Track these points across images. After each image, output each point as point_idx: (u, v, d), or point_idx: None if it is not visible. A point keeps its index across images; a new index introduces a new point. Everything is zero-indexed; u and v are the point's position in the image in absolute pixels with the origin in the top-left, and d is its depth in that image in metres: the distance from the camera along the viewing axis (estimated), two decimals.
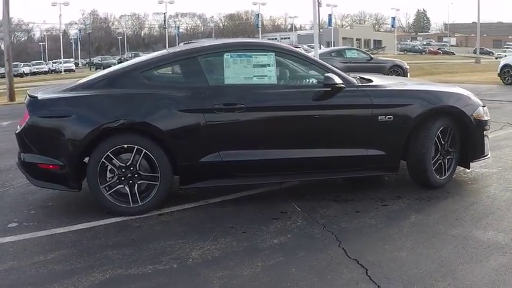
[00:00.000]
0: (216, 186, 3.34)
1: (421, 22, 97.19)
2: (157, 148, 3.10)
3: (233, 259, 2.45)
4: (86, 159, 3.18)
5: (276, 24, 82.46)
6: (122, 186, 3.12)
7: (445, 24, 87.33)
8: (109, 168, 3.12)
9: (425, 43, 66.06)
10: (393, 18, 47.00)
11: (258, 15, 41.49)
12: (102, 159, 3.07)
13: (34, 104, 3.19)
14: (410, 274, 2.23)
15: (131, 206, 3.12)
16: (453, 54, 47.74)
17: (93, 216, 3.13)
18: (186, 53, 3.39)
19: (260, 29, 42.40)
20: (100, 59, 45.52)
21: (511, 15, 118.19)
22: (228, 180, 3.25)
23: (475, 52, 48.26)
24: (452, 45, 61.72)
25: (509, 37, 69.21)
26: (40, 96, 3.24)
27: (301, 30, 71.30)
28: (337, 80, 3.20)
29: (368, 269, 2.30)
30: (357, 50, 16.42)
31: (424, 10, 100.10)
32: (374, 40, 64.92)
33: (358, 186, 3.67)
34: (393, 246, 2.55)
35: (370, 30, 71.11)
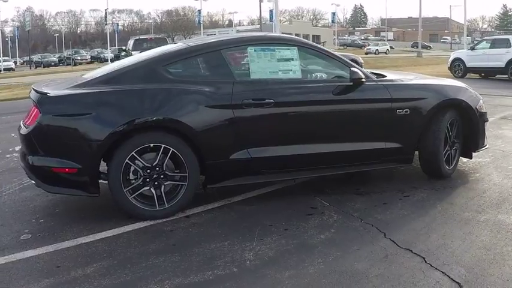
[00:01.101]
0: (243, 184, 3.23)
1: (358, 17, 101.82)
2: (185, 146, 2.94)
3: (290, 258, 2.42)
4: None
5: (213, 20, 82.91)
6: (148, 188, 2.95)
7: (382, 19, 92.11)
8: (132, 169, 2.94)
9: (363, 38, 69.73)
10: (333, 14, 48.70)
11: (199, 11, 41.17)
12: (126, 160, 2.86)
13: (46, 101, 2.88)
14: (465, 259, 2.36)
15: (157, 209, 2.95)
16: (392, 48, 50.74)
17: (114, 222, 2.92)
18: (209, 46, 3.25)
19: (202, 24, 42.40)
20: (40, 56, 42.96)
21: (446, 11, 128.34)
22: (255, 177, 3.18)
23: (412, 46, 51.67)
24: (389, 40, 65.52)
25: (445, 31, 74.86)
26: (52, 92, 2.94)
27: (240, 26, 72.29)
28: (362, 75, 3.30)
29: (425, 257, 2.39)
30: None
31: (361, 5, 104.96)
32: (313, 35, 66.52)
33: (372, 179, 3.78)
34: (436, 234, 2.67)
35: (309, 26, 73.39)
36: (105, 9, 41.85)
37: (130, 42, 17.97)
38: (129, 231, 2.81)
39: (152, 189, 2.94)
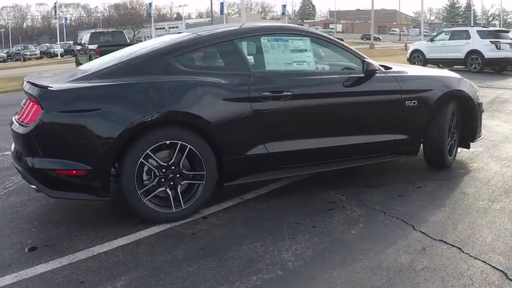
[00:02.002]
0: (260, 181, 3.11)
1: (307, 9, 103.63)
2: (202, 143, 2.77)
3: (331, 256, 2.35)
4: None
5: (161, 13, 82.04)
6: (163, 189, 2.75)
7: (330, 12, 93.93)
8: (146, 169, 2.72)
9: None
10: (284, 6, 49.36)
11: (150, 4, 40.17)
12: (141, 160, 2.64)
13: (49, 95, 2.58)
14: (498, 247, 2.42)
15: (173, 210, 2.76)
16: (342, 40, 52.17)
17: (126, 227, 2.70)
18: (222, 35, 3.07)
19: (153, 18, 41.58)
20: None
21: (393, 2, 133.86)
22: (272, 173, 3.06)
23: (362, 38, 53.46)
24: (338, 32, 67.47)
25: (394, 23, 78.19)
26: (55, 86, 2.63)
27: (189, 19, 71.77)
28: (376, 66, 3.29)
29: (460, 247, 2.42)
30: None
31: None
32: (176, 32, 68.13)
33: (378, 172, 3.78)
34: (462, 224, 2.72)
35: (259, 18, 73.95)
36: (55, 3, 40.05)
37: (86, 36, 17.02)
38: (147, 237, 2.60)
39: (168, 190, 2.76)
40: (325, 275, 2.18)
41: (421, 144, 3.73)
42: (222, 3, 45.66)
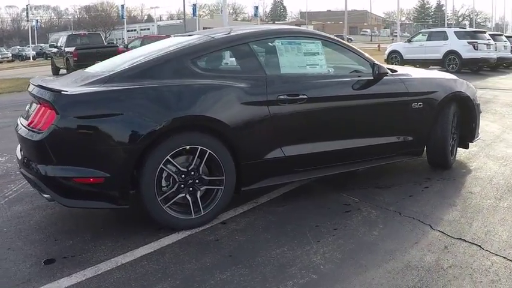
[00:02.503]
0: (276, 185, 3.13)
1: (278, 11, 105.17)
2: (222, 147, 2.76)
3: (361, 257, 2.39)
4: None
5: (132, 15, 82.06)
6: (183, 195, 2.72)
7: (301, 13, 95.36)
8: (165, 175, 2.70)
9: None
10: (256, 8, 49.81)
11: (122, 6, 39.73)
12: (161, 166, 2.61)
13: (65, 100, 2.50)
14: None
15: (193, 217, 2.73)
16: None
17: (144, 236, 2.66)
18: (237, 38, 3.07)
19: (125, 20, 41.25)
20: None
21: (364, 3, 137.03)
22: (288, 176, 3.08)
23: None
24: None
25: (364, 24, 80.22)
26: (70, 90, 2.55)
27: (160, 21, 71.99)
28: (386, 69, 3.39)
29: (480, 244, 2.53)
30: None
31: None
32: (183, 34, 68.59)
33: (383, 173, 3.85)
34: (476, 222, 2.83)
35: (230, 20, 74.52)
36: (27, 5, 39.11)
37: (62, 39, 16.67)
38: (170, 245, 2.56)
39: (187, 196, 2.75)
40: (359, 276, 2.22)
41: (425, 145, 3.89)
42: (194, 5, 45.55)
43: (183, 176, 2.70)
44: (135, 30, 56.64)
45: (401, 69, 3.95)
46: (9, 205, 3.28)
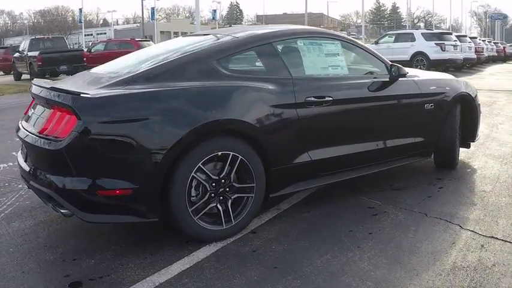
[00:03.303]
0: (301, 190, 3.11)
1: (234, 14, 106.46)
2: (253, 153, 2.69)
3: (407, 261, 2.41)
4: None
5: (87, 19, 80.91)
6: (214, 205, 2.63)
7: (258, 16, 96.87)
8: (194, 184, 2.59)
9: None
10: (214, 11, 50.24)
11: (80, 10, 38.59)
12: (193, 174, 2.51)
13: (87, 103, 2.33)
14: None
15: (224, 227, 2.65)
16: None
17: (173, 250, 2.56)
18: (261, 37, 3.01)
19: (83, 24, 40.14)
20: None
21: (320, 6, 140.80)
22: (313, 181, 3.06)
23: None
24: None
25: (321, 26, 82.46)
26: (92, 92, 2.39)
27: (117, 25, 71.61)
28: (405, 70, 3.48)
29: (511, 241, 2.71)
30: None
31: (237, 2, 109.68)
32: (191, 33, 68.57)
33: (391, 175, 3.89)
34: (502, 220, 2.94)
35: (187, 24, 74.80)
36: None
37: (25, 43, 16.03)
38: (205, 259, 2.45)
39: (219, 206, 2.66)
40: (414, 281, 2.23)
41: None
42: (153, 8, 45.18)
43: (213, 184, 2.61)
44: (91, 34, 56.36)
45: (412, 71, 4.06)
46: (8, 221, 3.03)
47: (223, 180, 2.64)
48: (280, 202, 3.29)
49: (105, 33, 56.21)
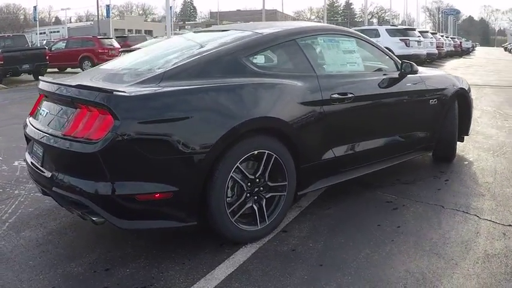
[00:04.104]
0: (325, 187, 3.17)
1: (188, 11, 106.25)
2: (286, 151, 2.72)
3: (445, 253, 2.55)
4: None
5: (40, 17, 77.39)
6: (250, 205, 2.64)
7: (211, 13, 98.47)
8: (230, 185, 2.56)
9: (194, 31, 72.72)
10: (170, 8, 49.92)
11: (35, 7, 36.76)
12: (231, 174, 2.50)
13: (124, 102, 2.25)
14: None
15: (258, 227, 2.66)
16: None
17: (209, 253, 2.55)
18: (285, 34, 3.04)
19: (38, 22, 38.35)
20: None
21: (274, 2, 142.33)
22: (335, 177, 3.13)
23: None
24: None
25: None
26: (128, 90, 2.30)
27: (70, 23, 69.66)
28: (417, 67, 3.64)
29: None
30: None
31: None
32: (145, 30, 69.60)
33: (397, 170, 4.01)
34: None
35: (141, 21, 76.04)
36: None
37: None
38: (247, 261, 2.46)
39: (254, 206, 2.67)
40: (456, 270, 2.36)
41: None
42: (108, 6, 43.96)
43: (249, 184, 2.62)
44: (44, 33, 54.92)
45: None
46: (17, 231, 2.87)
47: (257, 180, 2.66)
48: (300, 200, 3.36)
49: (58, 32, 55.15)
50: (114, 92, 2.29)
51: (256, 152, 2.59)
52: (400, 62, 3.60)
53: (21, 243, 2.74)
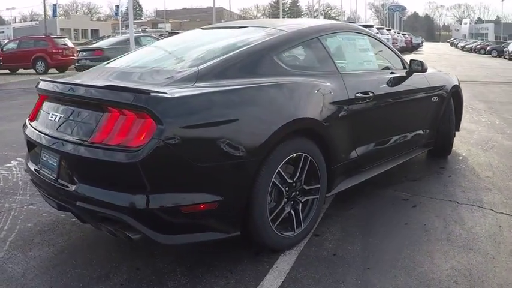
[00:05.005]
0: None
1: (134, 10, 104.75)
2: (319, 152, 2.73)
3: (478, 247, 2.67)
4: None
5: None
6: (288, 210, 2.61)
7: (157, 11, 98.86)
8: (269, 190, 2.50)
9: (140, 30, 72.23)
10: (117, 7, 48.73)
11: None
12: (273, 179, 2.46)
13: (167, 105, 2.12)
14: None
15: (295, 233, 2.64)
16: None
17: (248, 263, 2.50)
18: (309, 32, 3.03)
19: None
20: None
21: (220, 0, 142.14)
22: (357, 177, 3.18)
23: None
24: (167, 31, 69.47)
25: (222, 21, 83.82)
26: (170, 91, 2.18)
27: (15, 23, 67.65)
28: (426, 65, 3.78)
29: None
30: (150, 37, 16.67)
31: None
32: (91, 30, 69.20)
33: (400, 167, 4.01)
34: None
35: (87, 20, 75.01)
36: None
37: None
38: (293, 269, 2.43)
39: (292, 211, 2.65)
40: (496, 264, 2.47)
41: None
42: (55, 5, 42.34)
43: (287, 188, 2.59)
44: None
45: None
46: (22, 251, 2.64)
47: (294, 184, 2.64)
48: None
49: (3, 32, 53.51)
50: (153, 93, 2.14)
51: (294, 154, 2.57)
52: (410, 60, 3.74)
53: (33, 264, 2.52)
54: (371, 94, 3.18)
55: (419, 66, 3.69)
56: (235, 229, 2.37)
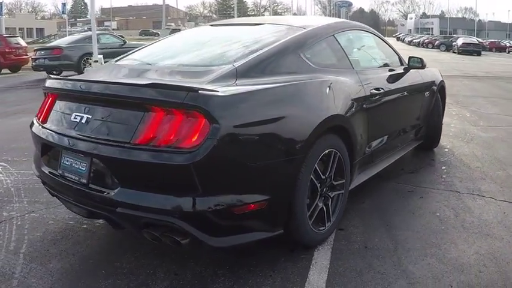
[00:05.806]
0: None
1: (79, 7, 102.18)
2: (345, 149, 2.84)
3: (492, 232, 2.90)
4: None
5: None
6: (321, 206, 2.69)
7: (103, 9, 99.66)
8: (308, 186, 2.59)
9: (86, 28, 69.73)
10: (63, 5, 47.05)
11: None
12: (311, 176, 2.54)
13: (220, 103, 2.11)
14: None
15: (326, 229, 2.74)
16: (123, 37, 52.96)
17: (286, 262, 2.55)
18: (325, 29, 3.13)
19: None
20: None
21: None
22: (368, 172, 3.34)
23: (140, 34, 56.00)
24: (114, 29, 67.63)
25: (168, 18, 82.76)
26: (222, 90, 2.17)
27: None
28: (425, 62, 4.01)
29: None
30: (110, 35, 16.10)
31: None
32: (37, 28, 66.99)
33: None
34: None
35: (32, 19, 72.44)
36: None
37: None
38: (333, 264, 2.53)
39: (324, 207, 2.74)
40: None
41: None
42: (1, 4, 39.69)
43: (320, 184, 2.69)
44: None
45: None
46: (41, 264, 2.55)
47: (325, 180, 2.74)
48: None
49: None
50: (205, 92, 2.11)
51: (327, 151, 2.68)
52: (408, 57, 3.97)
53: (58, 278, 2.42)
54: (382, 90, 3.36)
55: (418, 64, 3.93)
56: (279, 228, 2.42)
